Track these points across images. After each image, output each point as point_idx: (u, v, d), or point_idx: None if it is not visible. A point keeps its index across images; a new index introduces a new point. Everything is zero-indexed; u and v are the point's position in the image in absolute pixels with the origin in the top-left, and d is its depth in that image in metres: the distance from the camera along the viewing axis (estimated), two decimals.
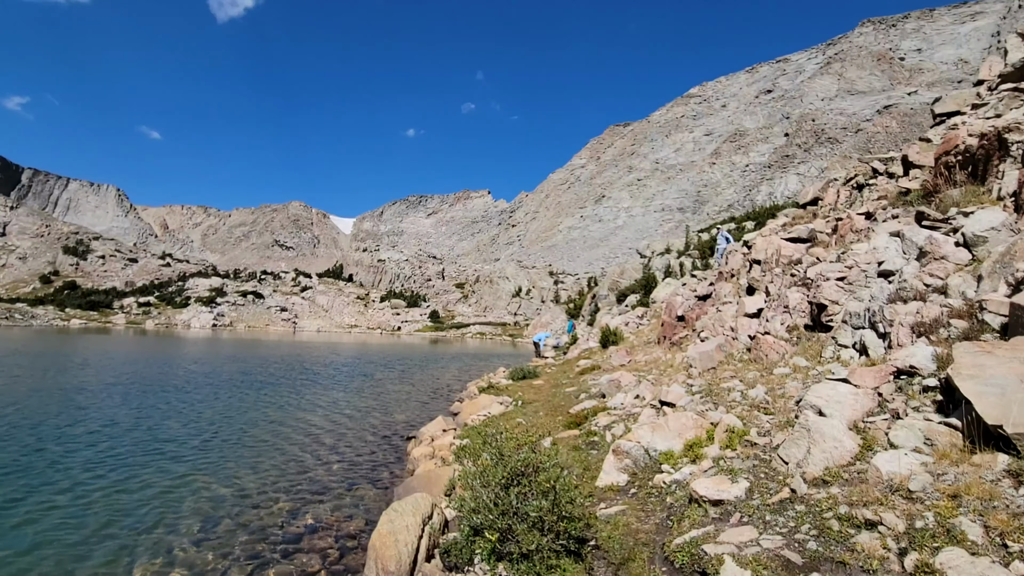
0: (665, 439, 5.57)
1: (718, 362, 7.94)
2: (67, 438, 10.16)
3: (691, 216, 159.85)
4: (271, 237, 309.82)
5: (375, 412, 14.51)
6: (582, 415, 8.50)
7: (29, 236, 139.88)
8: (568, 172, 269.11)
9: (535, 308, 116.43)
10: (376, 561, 4.59)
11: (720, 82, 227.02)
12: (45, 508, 6.63)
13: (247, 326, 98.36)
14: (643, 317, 21.42)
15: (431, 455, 8.52)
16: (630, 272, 56.08)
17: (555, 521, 4.16)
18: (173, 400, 15.01)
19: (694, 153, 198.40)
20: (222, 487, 7.75)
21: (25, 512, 6.48)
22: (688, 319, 12.17)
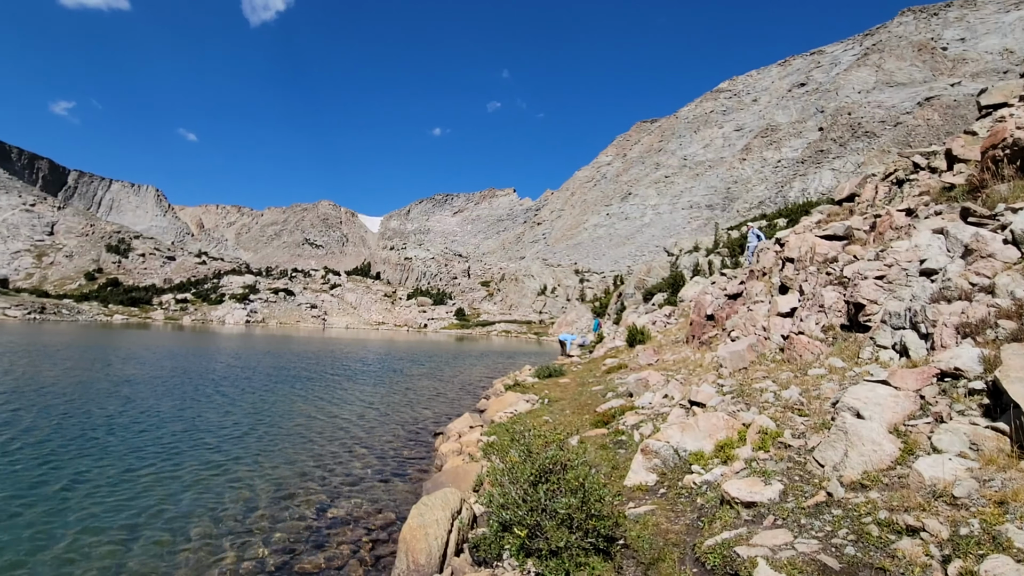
0: (695, 439, 5.51)
1: (749, 362, 7.79)
2: (116, 427, 10.64)
3: (720, 213, 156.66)
4: (302, 236, 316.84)
5: (403, 407, 14.73)
6: (609, 414, 8.46)
7: (75, 235, 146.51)
8: (594, 169, 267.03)
9: (560, 306, 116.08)
10: (407, 554, 4.68)
11: (751, 76, 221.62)
12: (95, 492, 6.98)
13: (279, 322, 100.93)
14: (671, 316, 21.13)
15: (459, 451, 8.61)
16: (657, 270, 55.37)
17: (584, 519, 4.17)
18: (212, 393, 15.55)
19: (723, 149, 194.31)
20: (258, 477, 8.00)
21: (80, 496, 6.83)
22: (718, 318, 11.96)
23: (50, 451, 8.78)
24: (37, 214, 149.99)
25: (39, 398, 13.39)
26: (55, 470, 7.86)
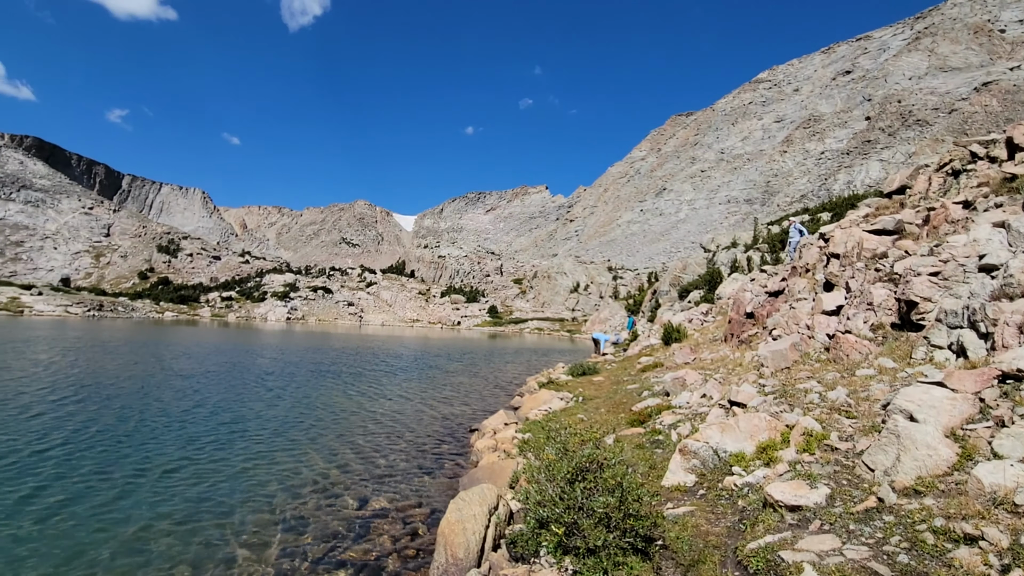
0: (735, 440, 5.39)
1: (792, 362, 7.55)
2: (173, 418, 11.22)
3: (759, 208, 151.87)
4: (339, 235, 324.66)
5: (439, 403, 14.95)
6: (645, 413, 8.36)
7: (129, 236, 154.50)
8: (627, 165, 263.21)
9: (593, 304, 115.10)
10: (446, 547, 4.76)
11: (792, 65, 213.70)
12: (156, 479, 7.38)
13: (317, 319, 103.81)
14: (708, 314, 20.66)
15: (494, 447, 8.68)
16: (693, 267, 54.17)
17: (622, 518, 4.14)
18: (257, 387, 16.17)
19: (763, 141, 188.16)
20: (303, 467, 8.30)
21: (141, 483, 7.24)
22: (758, 316, 11.63)
23: (116, 439, 9.33)
24: (95, 217, 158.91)
25: (103, 390, 14.23)
26: (122, 457, 8.36)
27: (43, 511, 6.21)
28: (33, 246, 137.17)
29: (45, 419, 10.66)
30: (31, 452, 8.39)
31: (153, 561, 5.23)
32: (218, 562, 5.26)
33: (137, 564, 5.16)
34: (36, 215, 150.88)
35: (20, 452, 8.35)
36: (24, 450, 8.46)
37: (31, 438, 9.17)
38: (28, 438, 9.16)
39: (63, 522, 5.98)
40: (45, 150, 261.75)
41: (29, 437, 9.22)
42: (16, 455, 8.19)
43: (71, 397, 13.10)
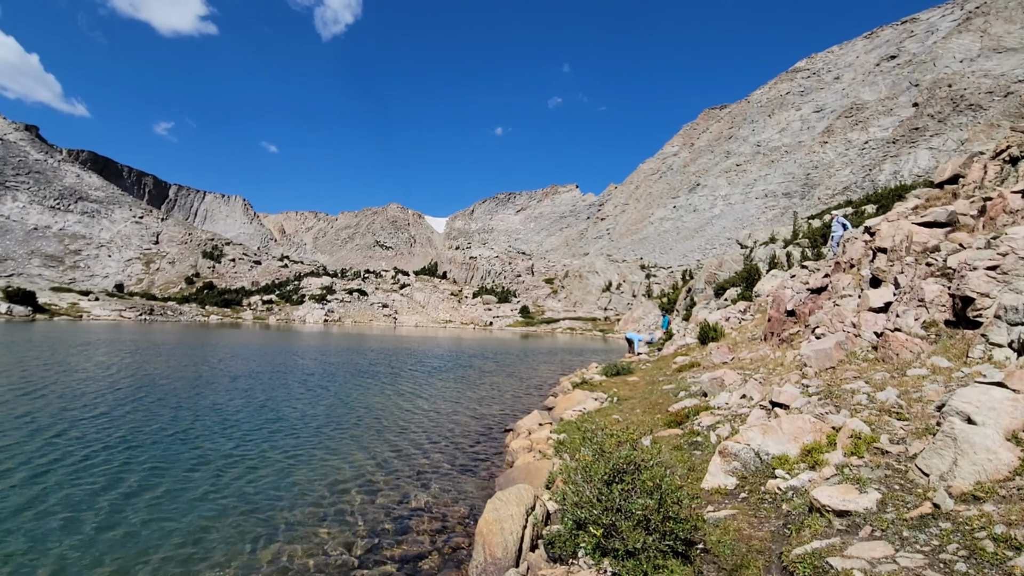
0: (778, 442, 5.25)
1: (837, 361, 7.28)
2: (224, 416, 11.71)
3: (799, 202, 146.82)
4: (372, 238, 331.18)
5: (473, 403, 15.08)
6: (682, 414, 8.22)
7: (176, 243, 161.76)
8: (659, 161, 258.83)
9: (626, 303, 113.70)
10: (484, 546, 4.81)
11: (832, 52, 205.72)
12: (208, 474, 7.72)
13: (353, 321, 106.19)
14: (745, 312, 20.12)
15: (529, 448, 8.70)
16: (729, 264, 52.85)
17: (661, 521, 4.10)
18: (300, 387, 16.69)
19: (802, 132, 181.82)
20: (342, 466, 8.52)
21: (199, 478, 7.59)
22: (799, 314, 11.26)
23: (173, 436, 9.81)
24: (145, 225, 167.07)
25: (160, 390, 14.97)
26: (178, 453, 8.78)
27: (114, 501, 6.60)
28: (89, 254, 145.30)
29: (110, 417, 11.30)
30: (102, 447, 8.91)
31: (201, 552, 5.47)
32: (263, 555, 5.46)
33: (186, 555, 5.41)
34: (92, 225, 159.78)
35: (91, 447, 8.87)
36: (94, 445, 8.99)
37: (100, 435, 9.73)
38: (98, 435, 9.73)
39: (130, 512, 6.34)
40: (99, 163, 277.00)
41: (99, 434, 9.79)
42: (86, 450, 8.71)
43: (131, 397, 13.83)
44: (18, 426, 10.21)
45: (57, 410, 11.80)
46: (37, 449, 8.73)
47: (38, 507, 6.43)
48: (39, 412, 11.50)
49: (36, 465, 7.95)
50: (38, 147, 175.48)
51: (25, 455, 8.39)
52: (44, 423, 10.53)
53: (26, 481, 7.27)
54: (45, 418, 10.96)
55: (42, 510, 6.35)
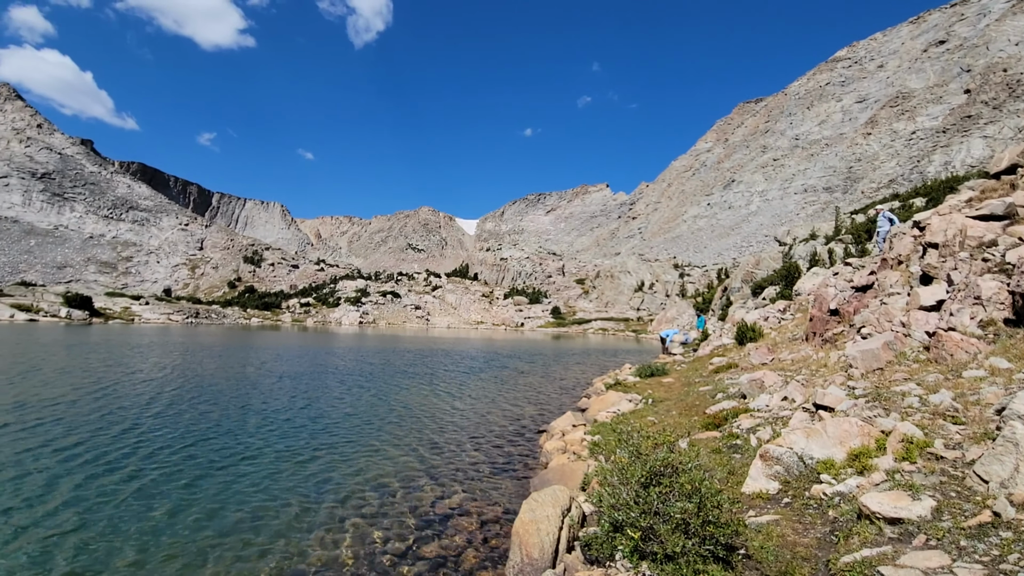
0: (823, 446, 5.08)
1: (886, 362, 6.98)
2: (269, 416, 12.14)
3: (841, 196, 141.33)
4: (405, 241, 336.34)
5: (506, 404, 15.13)
6: (720, 416, 8.04)
7: (219, 249, 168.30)
8: (692, 158, 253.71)
9: (659, 303, 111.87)
10: (520, 547, 4.83)
11: (875, 40, 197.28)
12: (254, 468, 8.02)
13: (387, 323, 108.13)
14: (785, 311, 19.50)
15: (563, 449, 8.67)
16: (767, 262, 51.39)
17: (700, 525, 4.02)
18: (339, 387, 17.13)
19: (843, 124, 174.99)
20: (380, 464, 8.71)
21: (250, 471, 7.90)
22: (843, 313, 10.84)
23: (220, 433, 10.24)
24: (190, 232, 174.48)
25: (210, 389, 15.64)
26: (223, 448, 9.16)
27: (179, 492, 6.96)
28: (140, 260, 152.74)
29: (169, 415, 11.90)
30: (164, 444, 9.38)
31: (251, 540, 5.68)
32: (303, 550, 5.62)
33: (238, 543, 5.63)
34: (142, 233, 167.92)
35: (155, 443, 9.35)
36: (158, 441, 9.47)
37: (163, 431, 10.26)
38: (161, 431, 10.25)
39: (191, 503, 6.73)
40: (147, 173, 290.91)
41: (161, 431, 10.32)
42: (153, 445, 9.18)
43: (186, 396, 14.51)
44: (94, 423, 10.95)
45: (123, 408, 12.59)
46: (112, 444, 9.33)
47: (118, 497, 6.89)
48: (110, 410, 12.32)
49: (113, 459, 8.50)
50: (93, 160, 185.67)
51: (102, 449, 8.96)
52: (115, 420, 11.27)
53: (105, 473, 7.75)
54: (116, 416, 11.71)
55: (120, 500, 6.81)
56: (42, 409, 12.10)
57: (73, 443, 9.39)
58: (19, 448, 8.99)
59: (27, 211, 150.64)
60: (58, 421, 11.02)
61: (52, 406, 12.47)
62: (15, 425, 10.57)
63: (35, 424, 10.70)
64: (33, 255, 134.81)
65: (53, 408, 12.25)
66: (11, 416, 11.30)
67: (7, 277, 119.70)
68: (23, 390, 14.60)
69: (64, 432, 10.13)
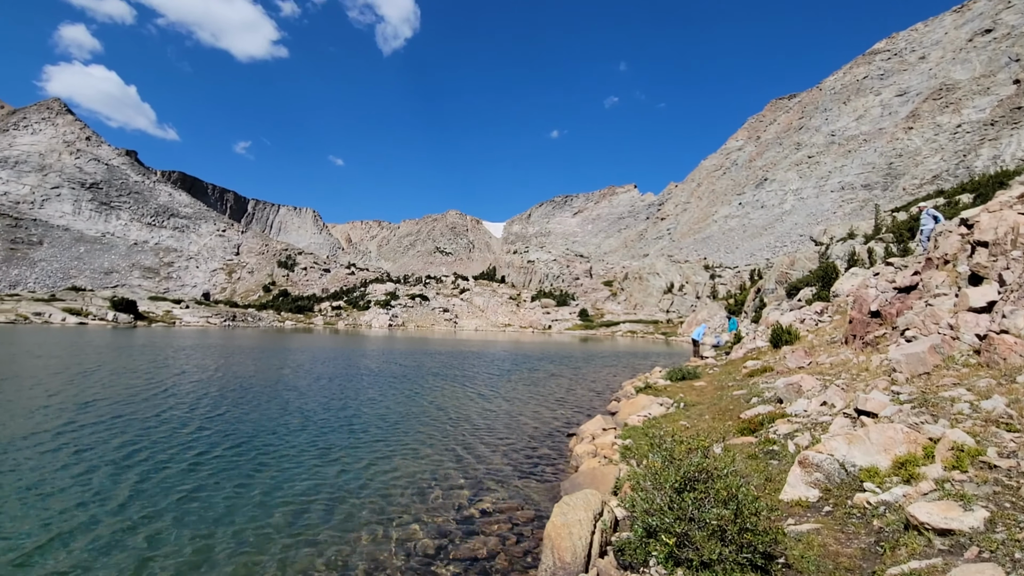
0: (866, 453, 4.91)
1: (932, 366, 6.70)
2: (307, 417, 12.47)
3: (880, 194, 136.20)
4: (433, 244, 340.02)
5: (535, 406, 15.12)
6: (756, 421, 7.86)
7: (254, 254, 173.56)
8: (723, 157, 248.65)
9: (689, 305, 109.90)
10: (553, 551, 4.82)
11: (916, 30, 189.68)
12: (293, 465, 8.25)
13: (416, 325, 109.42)
14: (823, 313, 18.90)
15: (593, 453, 8.62)
16: (802, 262, 49.95)
17: (737, 532, 3.95)
18: (370, 389, 17.45)
19: (882, 119, 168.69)
20: (409, 466, 8.82)
21: (291, 468, 8.14)
22: (885, 315, 10.45)
23: (269, 432, 10.57)
24: (227, 238, 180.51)
25: (252, 391, 16.16)
26: (277, 447, 9.45)
27: (233, 485, 7.23)
28: (180, 266, 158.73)
29: (218, 415, 12.37)
30: (215, 443, 9.77)
31: (281, 544, 5.83)
32: (335, 550, 5.74)
33: (274, 540, 5.79)
34: (182, 239, 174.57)
35: (205, 441, 9.73)
36: (206, 440, 9.86)
37: (216, 431, 10.68)
38: (212, 431, 10.68)
39: (241, 496, 7.02)
40: (187, 182, 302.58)
41: (213, 430, 10.75)
42: (201, 444, 9.56)
43: (234, 398, 15.08)
44: (151, 422, 11.58)
45: (176, 407, 13.23)
46: (168, 442, 9.83)
47: (176, 492, 7.26)
48: (164, 409, 13.01)
49: (170, 456, 8.95)
50: (137, 170, 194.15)
51: (160, 446, 9.42)
52: (169, 419, 11.87)
53: (165, 468, 8.15)
54: (170, 415, 12.33)
55: (180, 495, 7.17)
56: (105, 408, 12.82)
57: (133, 439, 9.95)
58: (87, 444, 9.56)
59: (77, 219, 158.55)
60: (118, 418, 11.71)
61: (113, 405, 13.21)
62: (83, 423, 11.21)
63: (97, 422, 11.35)
64: (82, 261, 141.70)
65: (113, 407, 12.97)
66: (78, 415, 11.98)
67: (59, 283, 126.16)
68: (84, 390, 15.45)
69: (126, 429, 10.72)
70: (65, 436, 10.05)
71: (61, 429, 10.58)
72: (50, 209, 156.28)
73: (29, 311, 72.23)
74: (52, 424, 10.98)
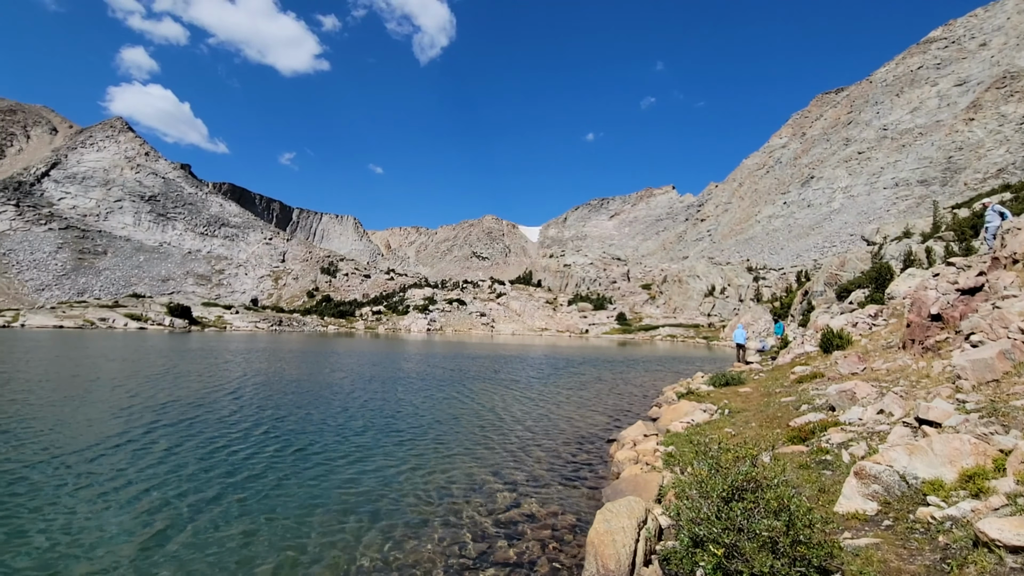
0: (929, 465, 4.65)
1: (1001, 373, 6.28)
2: (348, 418, 12.87)
3: (939, 189, 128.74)
4: (469, 249, 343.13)
5: (573, 411, 15.02)
6: (807, 429, 7.56)
7: (299, 261, 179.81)
8: (765, 155, 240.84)
9: (732, 308, 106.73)
10: (596, 557, 4.78)
11: (975, 16, 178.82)
12: (339, 465, 8.51)
13: (454, 329, 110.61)
14: (877, 316, 17.99)
15: (635, 459, 8.49)
16: (853, 263, 47.76)
17: (790, 545, 3.81)
18: (412, 392, 17.80)
19: (940, 110, 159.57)
20: (450, 469, 8.94)
21: (338, 467, 8.40)
22: (947, 318, 9.86)
23: (320, 431, 10.96)
24: (274, 246, 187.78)
25: (306, 394, 16.77)
26: (329, 445, 9.78)
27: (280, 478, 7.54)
28: (230, 273, 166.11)
29: (280, 418, 12.91)
30: (283, 444, 10.21)
31: (328, 537, 6.00)
32: (377, 551, 5.86)
33: (317, 540, 5.97)
34: (232, 247, 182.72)
35: (274, 441, 10.19)
36: (274, 440, 10.31)
37: (275, 430, 11.16)
38: (275, 430, 11.16)
39: (287, 488, 7.22)
40: (236, 193, 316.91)
41: (275, 430, 11.23)
42: (269, 445, 10.00)
43: (288, 400, 15.72)
44: (224, 421, 12.39)
45: (244, 408, 14.02)
46: (242, 440, 10.45)
47: (250, 489, 7.59)
48: (238, 412, 13.82)
49: (253, 455, 9.44)
50: (191, 182, 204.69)
51: (239, 447, 9.93)
52: (239, 419, 12.67)
53: (246, 465, 8.60)
54: (240, 415, 13.14)
55: (256, 491, 7.53)
56: (182, 409, 13.81)
57: (212, 438, 10.79)
58: (174, 442, 10.33)
59: (137, 230, 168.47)
60: (195, 419, 12.60)
61: (188, 406, 14.16)
62: (165, 423, 12.08)
63: (178, 422, 12.22)
64: (142, 269, 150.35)
65: (188, 408, 13.92)
66: (160, 415, 12.86)
67: (121, 290, 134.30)
68: (159, 392, 16.55)
69: (204, 429, 11.51)
70: (154, 434, 10.88)
71: (149, 428, 11.48)
72: (113, 221, 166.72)
73: (95, 317, 77.17)
74: (140, 422, 11.93)
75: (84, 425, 11.51)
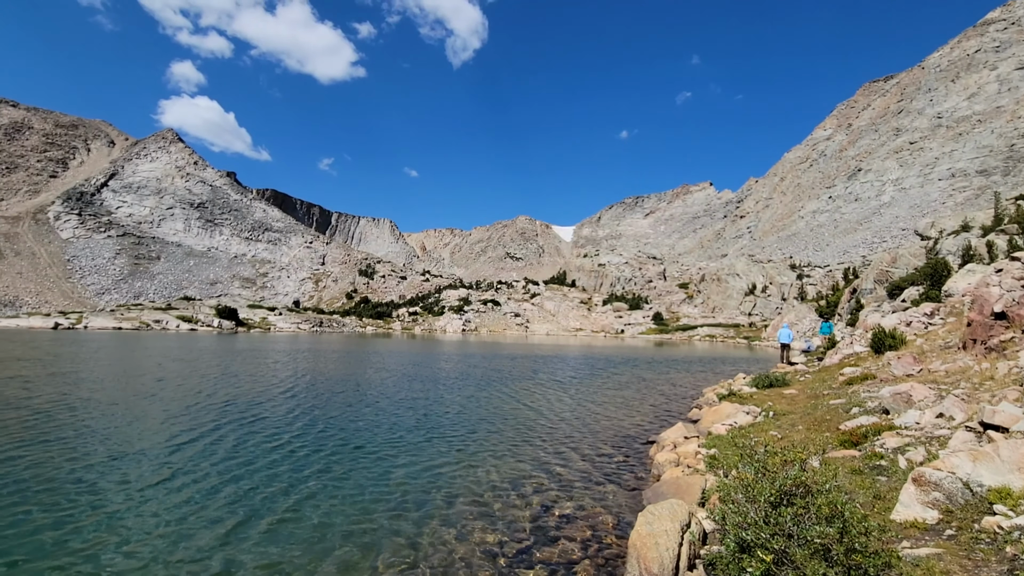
0: (995, 472, 4.40)
1: None
2: (389, 418, 13.16)
3: (1000, 180, 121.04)
4: (503, 250, 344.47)
5: (612, 412, 14.88)
6: (859, 433, 7.25)
7: (338, 264, 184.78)
8: (808, 148, 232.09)
9: (774, 307, 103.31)
10: (638, 560, 4.73)
11: None
12: (381, 463, 8.73)
13: (488, 330, 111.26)
14: (933, 315, 17.07)
15: (676, 462, 8.34)
16: (906, 259, 45.51)
17: (844, 553, 3.67)
18: (450, 392, 18.04)
19: (1000, 96, 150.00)
20: (489, 469, 9.00)
21: (383, 463, 8.63)
22: (1013, 317, 9.27)
23: (363, 428, 11.27)
24: (314, 250, 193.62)
25: (350, 393, 17.28)
26: (329, 442, 10.06)
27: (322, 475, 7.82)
28: (274, 276, 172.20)
29: (332, 417, 13.37)
30: (340, 442, 10.58)
31: (367, 533, 6.15)
32: (419, 549, 5.95)
33: (356, 536, 6.12)
34: (275, 251, 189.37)
35: (329, 438, 10.57)
36: (335, 439, 10.69)
37: (329, 430, 11.58)
38: (328, 429, 11.57)
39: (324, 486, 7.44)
40: (278, 198, 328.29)
41: (329, 429, 11.65)
42: (327, 442, 10.38)
43: (341, 398, 16.29)
44: (289, 421, 12.84)
45: (300, 406, 14.68)
46: (309, 438, 10.88)
47: (309, 486, 7.88)
48: (295, 409, 14.44)
49: (314, 452, 9.82)
50: (236, 189, 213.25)
51: (300, 443, 10.37)
52: (304, 418, 13.17)
53: (309, 461, 8.97)
54: (303, 415, 13.61)
55: (312, 485, 7.78)
56: (243, 407, 14.42)
57: (275, 434, 11.30)
58: (240, 437, 10.86)
59: (187, 236, 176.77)
60: (257, 417, 13.15)
61: (249, 404, 14.80)
62: (230, 419, 12.69)
63: (241, 419, 12.79)
64: (192, 273, 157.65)
65: (250, 406, 14.52)
66: (224, 413, 13.49)
67: (173, 293, 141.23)
68: (219, 390, 17.40)
69: (266, 426, 12.04)
70: (221, 431, 11.44)
71: (216, 424, 12.07)
72: (165, 228, 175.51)
73: (150, 319, 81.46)
74: (207, 419, 12.60)
75: (157, 422, 12.21)
